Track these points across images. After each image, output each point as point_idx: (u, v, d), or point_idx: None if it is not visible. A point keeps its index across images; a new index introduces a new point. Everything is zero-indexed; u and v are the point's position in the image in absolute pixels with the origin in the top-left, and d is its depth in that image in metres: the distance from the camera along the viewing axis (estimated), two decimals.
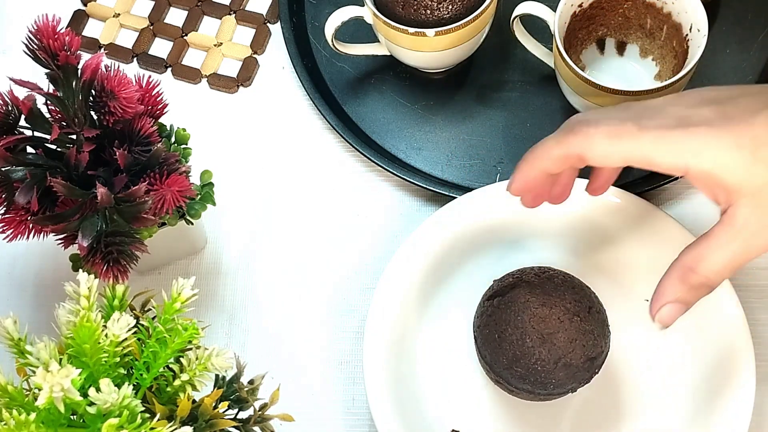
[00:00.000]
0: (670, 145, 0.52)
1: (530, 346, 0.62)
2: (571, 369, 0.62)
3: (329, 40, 0.77)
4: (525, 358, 0.62)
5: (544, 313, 0.63)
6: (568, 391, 0.64)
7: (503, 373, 0.63)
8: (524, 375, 0.63)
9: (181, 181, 0.59)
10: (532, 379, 0.63)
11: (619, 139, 0.53)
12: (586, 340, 0.63)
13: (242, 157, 0.81)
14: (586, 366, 0.63)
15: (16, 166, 0.58)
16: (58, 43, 0.57)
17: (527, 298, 0.63)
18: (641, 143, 0.52)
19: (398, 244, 0.72)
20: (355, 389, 0.71)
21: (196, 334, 0.55)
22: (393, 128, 0.80)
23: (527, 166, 0.56)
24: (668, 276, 0.54)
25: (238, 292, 0.76)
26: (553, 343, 0.62)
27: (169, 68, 0.85)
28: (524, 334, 0.62)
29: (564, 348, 0.62)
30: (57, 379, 0.47)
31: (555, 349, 0.62)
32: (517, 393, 0.65)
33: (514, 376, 0.63)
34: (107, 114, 0.58)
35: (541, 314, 0.63)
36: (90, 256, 0.59)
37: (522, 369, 0.63)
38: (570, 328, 0.62)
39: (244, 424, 0.57)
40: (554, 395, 0.65)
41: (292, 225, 0.78)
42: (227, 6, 0.87)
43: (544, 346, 0.62)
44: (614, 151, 0.53)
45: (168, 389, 0.55)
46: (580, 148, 0.54)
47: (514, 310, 0.63)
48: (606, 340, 0.64)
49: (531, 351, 0.62)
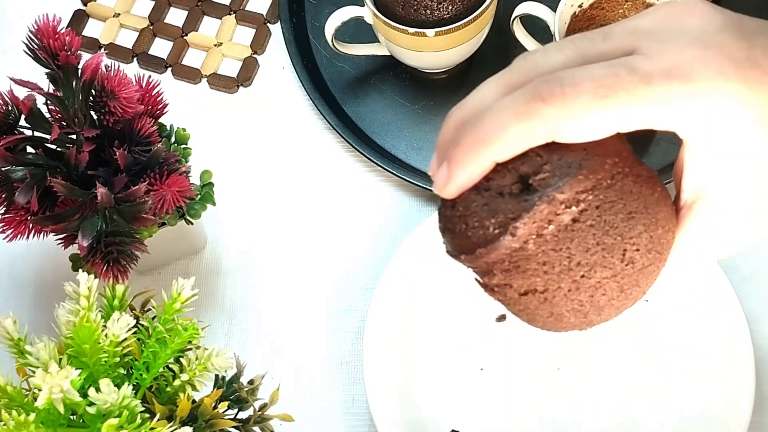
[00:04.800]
0: (692, 99, 0.36)
1: None
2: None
3: (329, 40, 0.77)
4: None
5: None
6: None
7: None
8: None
9: (181, 181, 0.59)
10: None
11: (610, 97, 0.36)
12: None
13: (242, 157, 0.81)
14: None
15: (16, 166, 0.58)
16: (59, 42, 0.57)
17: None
18: (646, 102, 0.36)
19: (398, 244, 0.72)
20: (355, 389, 0.71)
21: (196, 334, 0.55)
22: (393, 128, 0.80)
23: (471, 156, 0.38)
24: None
25: (238, 292, 0.76)
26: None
27: (169, 68, 0.85)
28: None
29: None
30: (56, 380, 0.47)
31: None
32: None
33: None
34: (107, 114, 0.58)
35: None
36: (90, 256, 0.59)
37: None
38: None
39: (244, 424, 0.57)
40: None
41: (291, 225, 0.78)
42: (227, 6, 0.87)
43: None
44: (606, 121, 0.36)
45: (168, 389, 0.55)
46: (555, 122, 0.37)
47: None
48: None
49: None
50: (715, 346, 0.68)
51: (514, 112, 0.37)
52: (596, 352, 0.71)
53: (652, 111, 0.36)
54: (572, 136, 0.37)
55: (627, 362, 0.70)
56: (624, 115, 0.36)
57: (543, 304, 0.40)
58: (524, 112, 0.37)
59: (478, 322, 0.72)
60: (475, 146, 0.38)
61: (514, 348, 0.71)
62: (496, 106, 0.38)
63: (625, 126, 0.37)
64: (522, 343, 0.71)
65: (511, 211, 0.38)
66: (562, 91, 0.36)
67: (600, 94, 0.36)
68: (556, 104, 0.36)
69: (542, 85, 0.37)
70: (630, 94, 0.36)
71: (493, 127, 0.38)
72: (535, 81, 0.37)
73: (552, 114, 0.36)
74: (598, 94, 0.36)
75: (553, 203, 0.37)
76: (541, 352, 0.71)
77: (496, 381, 0.70)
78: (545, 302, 0.40)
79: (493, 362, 0.71)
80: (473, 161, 0.38)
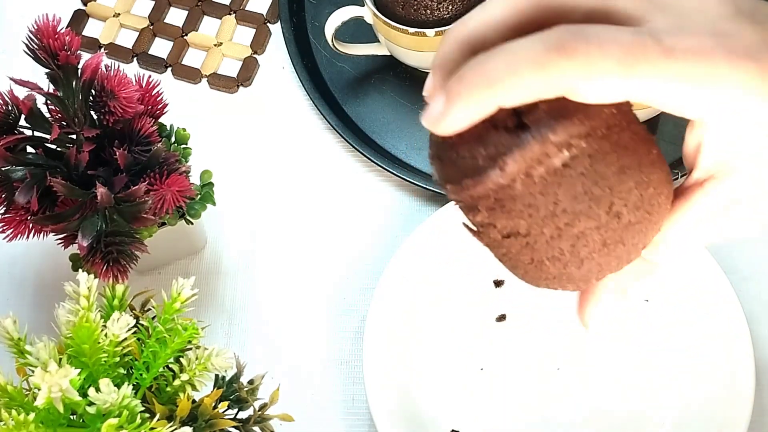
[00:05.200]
0: (710, 79, 0.35)
1: None
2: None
3: (329, 40, 0.77)
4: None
5: None
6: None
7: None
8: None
9: (181, 181, 0.59)
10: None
11: (635, 65, 0.35)
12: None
13: (242, 157, 0.81)
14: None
15: (16, 165, 0.58)
16: (59, 42, 0.57)
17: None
18: (667, 73, 0.35)
19: (398, 244, 0.72)
20: (355, 389, 0.71)
21: (196, 334, 0.55)
22: (393, 128, 0.80)
23: (474, 95, 0.35)
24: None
25: (238, 292, 0.75)
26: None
27: (169, 68, 0.85)
28: None
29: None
30: (55, 380, 0.47)
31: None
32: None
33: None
34: (107, 114, 0.58)
35: None
36: (90, 256, 0.59)
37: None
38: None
39: (243, 424, 0.57)
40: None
41: (291, 225, 0.78)
42: (227, 6, 0.87)
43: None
44: (626, 85, 0.35)
45: (168, 389, 0.55)
46: (575, 77, 0.34)
47: None
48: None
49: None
50: (715, 346, 0.68)
51: (532, 59, 0.34)
52: (596, 352, 0.71)
53: (671, 85, 0.35)
54: (586, 96, 0.35)
55: (627, 362, 0.70)
56: (643, 85, 0.35)
57: (525, 248, 0.39)
58: (542, 61, 0.34)
59: (478, 322, 0.72)
60: (480, 86, 0.35)
61: (514, 348, 0.71)
62: (510, 47, 0.35)
63: (640, 95, 0.36)
64: (522, 343, 0.71)
65: (503, 145, 0.37)
66: (587, 49, 0.34)
67: (624, 62, 0.34)
68: (578, 61, 0.34)
69: (567, 35, 0.34)
70: (653, 66, 0.35)
71: (505, 70, 0.34)
72: (558, 29, 0.35)
73: (572, 70, 0.34)
74: (621, 61, 0.34)
75: (545, 144, 0.36)
76: (541, 352, 0.71)
77: (496, 381, 0.70)
78: (527, 246, 0.39)
79: (493, 362, 0.71)
80: (475, 102, 0.35)
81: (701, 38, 0.35)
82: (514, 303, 0.72)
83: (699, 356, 0.68)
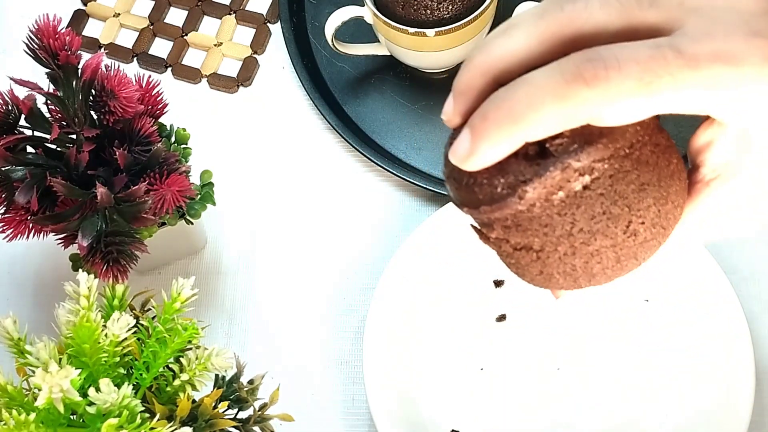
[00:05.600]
0: (740, 84, 0.34)
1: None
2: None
3: (329, 40, 0.77)
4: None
5: None
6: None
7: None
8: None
9: (181, 181, 0.59)
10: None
11: (656, 82, 0.33)
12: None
13: (242, 157, 0.81)
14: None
15: (16, 165, 0.58)
16: (59, 42, 0.57)
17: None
18: (691, 86, 0.34)
19: (398, 244, 0.72)
20: (355, 389, 0.71)
21: (196, 333, 0.55)
22: (393, 128, 0.80)
23: (500, 133, 0.35)
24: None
25: (238, 292, 0.76)
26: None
27: (169, 68, 0.85)
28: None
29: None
30: (56, 380, 0.47)
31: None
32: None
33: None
34: (107, 114, 0.58)
35: None
36: (90, 256, 0.59)
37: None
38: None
39: (244, 424, 0.57)
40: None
41: (291, 225, 0.78)
42: (227, 6, 0.87)
43: None
44: (648, 106, 0.34)
45: (168, 389, 0.55)
46: (597, 105, 0.34)
47: None
48: None
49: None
50: (715, 346, 0.68)
51: (553, 92, 0.34)
52: (596, 352, 0.71)
53: (695, 94, 0.34)
54: (610, 120, 0.35)
55: (627, 362, 0.70)
56: (667, 100, 0.34)
57: (535, 261, 0.39)
58: (563, 94, 0.34)
59: (478, 322, 0.72)
60: (505, 124, 0.35)
61: (514, 348, 0.71)
62: (530, 80, 0.35)
63: (665, 109, 0.35)
64: (522, 343, 0.71)
65: (523, 173, 0.36)
66: (606, 74, 0.33)
67: (645, 80, 0.33)
68: (599, 88, 0.34)
69: (585, 64, 0.34)
70: (675, 79, 0.34)
71: (528, 106, 0.34)
72: (575, 57, 0.34)
73: (593, 98, 0.34)
74: (643, 80, 0.33)
75: (567, 170, 0.36)
76: (541, 352, 0.71)
77: (496, 381, 0.70)
78: (538, 260, 0.39)
79: (493, 362, 0.71)
80: (502, 140, 0.35)
81: (731, 38, 0.34)
82: (514, 303, 0.72)
83: (699, 356, 0.68)
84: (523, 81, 0.35)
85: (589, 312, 0.72)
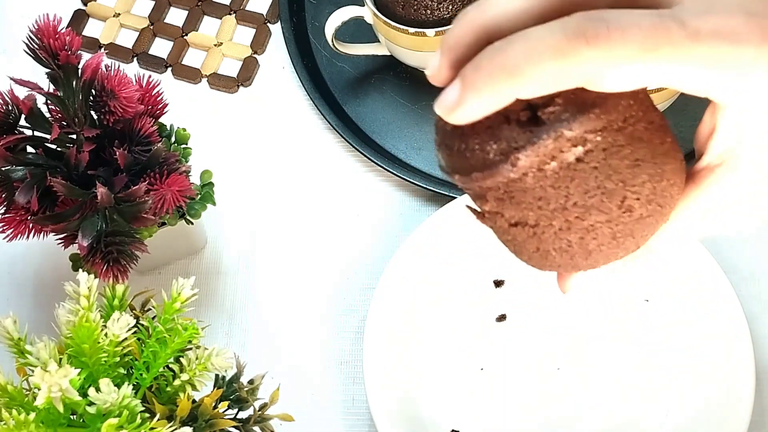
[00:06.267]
0: (737, 64, 0.34)
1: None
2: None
3: (329, 40, 0.77)
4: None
5: None
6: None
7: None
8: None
9: (181, 181, 0.59)
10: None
11: (658, 50, 0.33)
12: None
13: (242, 157, 0.81)
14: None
15: (16, 165, 0.58)
16: (59, 42, 0.57)
17: None
18: (691, 60, 0.34)
19: (398, 244, 0.72)
20: (355, 389, 0.71)
21: (196, 333, 0.55)
22: (393, 128, 0.80)
23: (492, 86, 0.34)
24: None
25: (238, 292, 0.75)
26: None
27: (169, 68, 0.85)
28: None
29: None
30: (55, 379, 0.47)
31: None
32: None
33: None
34: (107, 113, 0.58)
35: None
36: (90, 256, 0.59)
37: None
38: None
39: (244, 424, 0.57)
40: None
41: (291, 225, 0.78)
42: (227, 6, 0.87)
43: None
44: (649, 70, 0.34)
45: (168, 389, 0.55)
46: (598, 65, 0.33)
47: None
48: None
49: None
50: (715, 346, 0.68)
51: (552, 47, 0.33)
52: (596, 352, 0.71)
53: (695, 70, 0.34)
54: (609, 84, 0.34)
55: (627, 362, 0.70)
56: (666, 71, 0.34)
57: (531, 238, 0.39)
58: (563, 49, 0.33)
59: (478, 322, 0.72)
60: (499, 76, 0.33)
61: (514, 348, 0.71)
62: (530, 35, 0.33)
63: (663, 81, 0.34)
64: (522, 343, 0.71)
65: (515, 140, 0.36)
66: (608, 35, 0.33)
67: (647, 47, 0.33)
68: (600, 47, 0.33)
69: (587, 22, 0.33)
70: (676, 50, 0.33)
71: (524, 60, 0.33)
72: (578, 15, 0.33)
73: (593, 58, 0.33)
74: (644, 46, 0.33)
75: (559, 140, 0.35)
76: (541, 352, 0.71)
77: (496, 381, 0.70)
78: (534, 236, 0.38)
79: (493, 362, 0.71)
80: (493, 93, 0.34)
81: (730, 18, 0.34)
82: (514, 303, 0.72)
83: (699, 356, 0.68)
84: (522, 34, 0.34)
85: (589, 312, 0.72)
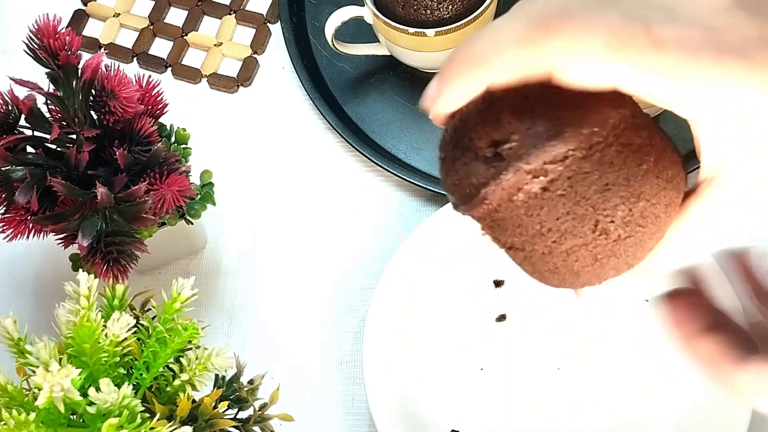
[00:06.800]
0: (696, 77, 0.33)
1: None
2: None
3: (329, 40, 0.77)
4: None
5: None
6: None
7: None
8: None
9: (181, 180, 0.59)
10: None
11: (622, 51, 0.33)
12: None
13: (242, 157, 0.81)
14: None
15: (16, 165, 0.58)
16: (59, 42, 0.57)
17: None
18: (654, 66, 0.33)
19: (398, 244, 0.72)
20: (355, 389, 0.71)
21: (196, 333, 0.55)
22: (393, 128, 0.80)
23: (463, 72, 0.36)
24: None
25: (238, 292, 0.76)
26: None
27: (169, 68, 0.85)
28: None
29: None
30: (57, 379, 0.47)
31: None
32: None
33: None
34: (107, 114, 0.58)
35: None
36: (90, 256, 0.59)
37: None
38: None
39: (244, 424, 0.57)
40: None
41: (291, 225, 0.78)
42: (227, 6, 0.87)
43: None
44: (613, 70, 0.33)
45: (168, 389, 0.55)
46: (559, 56, 0.34)
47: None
48: None
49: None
50: None
51: (515, 36, 0.34)
52: (596, 352, 0.71)
53: (659, 80, 0.34)
54: (572, 77, 0.34)
55: (627, 362, 0.70)
56: (631, 76, 0.34)
57: (525, 260, 0.40)
58: (526, 38, 0.34)
59: (478, 322, 0.72)
60: (467, 63, 0.36)
61: (514, 348, 0.71)
62: (497, 26, 0.35)
63: (631, 87, 0.34)
64: (522, 343, 0.71)
65: (483, 176, 0.38)
66: (572, 26, 0.33)
67: (610, 44, 0.33)
68: (562, 38, 0.33)
69: (552, 15, 0.34)
70: (640, 56, 0.33)
71: (489, 47, 0.35)
72: (536, 4, 0.35)
73: (555, 47, 0.33)
74: (608, 43, 0.33)
75: (518, 173, 0.37)
76: (541, 352, 0.71)
77: (496, 381, 0.70)
78: (526, 260, 0.40)
79: (493, 362, 0.71)
80: (465, 81, 0.36)
81: (692, 31, 0.33)
82: (514, 303, 0.72)
83: None
84: (489, 26, 0.36)
85: (589, 312, 0.72)
